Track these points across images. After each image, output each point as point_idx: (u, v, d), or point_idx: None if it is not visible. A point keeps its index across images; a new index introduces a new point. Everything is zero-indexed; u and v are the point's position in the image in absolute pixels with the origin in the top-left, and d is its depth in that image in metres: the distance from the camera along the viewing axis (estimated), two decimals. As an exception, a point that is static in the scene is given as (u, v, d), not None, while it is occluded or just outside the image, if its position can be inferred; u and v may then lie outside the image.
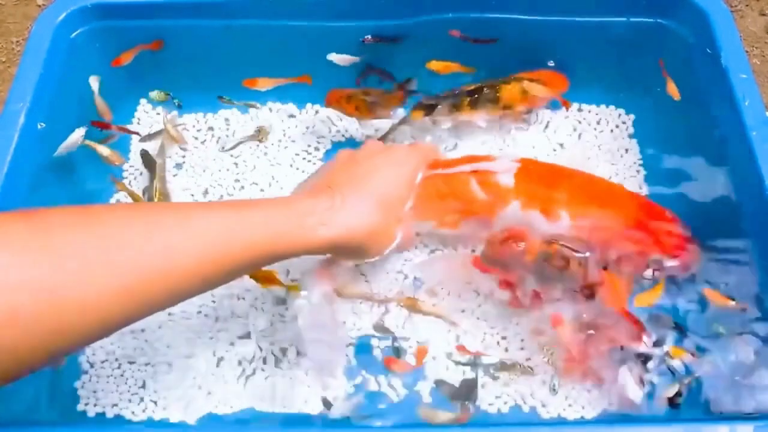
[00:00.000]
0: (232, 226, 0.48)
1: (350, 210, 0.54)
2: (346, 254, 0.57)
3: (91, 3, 0.70)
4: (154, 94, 0.76)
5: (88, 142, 0.68)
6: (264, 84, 0.72)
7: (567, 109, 0.74)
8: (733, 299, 0.59)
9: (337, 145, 0.75)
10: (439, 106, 0.70)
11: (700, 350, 0.58)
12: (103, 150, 0.70)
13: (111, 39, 0.72)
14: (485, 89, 0.70)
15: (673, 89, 0.68)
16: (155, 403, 0.60)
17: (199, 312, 0.64)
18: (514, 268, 0.58)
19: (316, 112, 0.77)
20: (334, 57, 0.71)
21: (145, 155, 0.72)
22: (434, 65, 0.72)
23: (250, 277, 0.62)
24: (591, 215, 0.59)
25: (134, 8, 0.71)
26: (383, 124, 0.73)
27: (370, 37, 0.72)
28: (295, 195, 0.57)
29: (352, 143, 0.75)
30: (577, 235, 0.58)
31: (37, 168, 0.65)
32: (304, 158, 0.74)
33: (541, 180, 0.62)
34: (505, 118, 0.73)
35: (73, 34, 0.71)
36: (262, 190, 0.71)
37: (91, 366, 0.62)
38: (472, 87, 0.70)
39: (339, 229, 0.53)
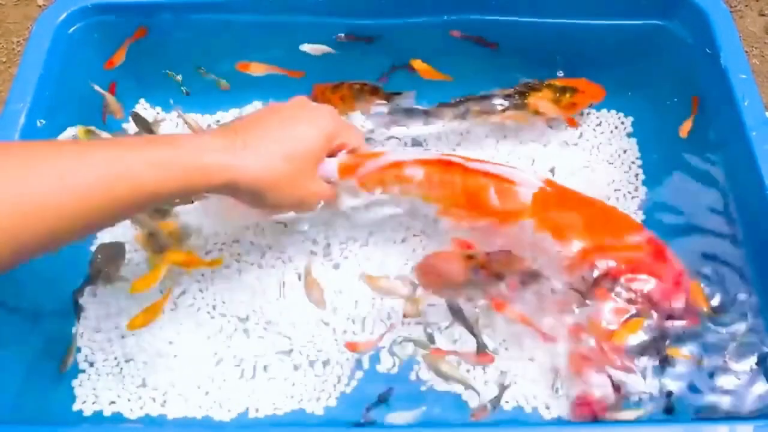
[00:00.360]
0: (123, 164, 0.48)
1: (250, 154, 0.53)
2: (248, 200, 0.56)
3: (92, 3, 0.70)
4: (172, 73, 0.75)
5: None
6: (257, 69, 0.72)
7: (575, 127, 0.73)
8: (717, 311, 0.59)
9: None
10: (469, 107, 0.70)
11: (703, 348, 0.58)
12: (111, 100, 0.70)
13: (111, 39, 0.72)
14: (516, 94, 0.70)
15: (686, 127, 0.68)
16: (153, 400, 0.60)
17: (199, 311, 0.64)
18: (452, 289, 0.59)
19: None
20: (307, 47, 0.71)
21: (136, 117, 0.71)
22: (417, 65, 0.72)
23: (170, 261, 0.63)
24: (601, 249, 0.59)
25: (134, 8, 0.71)
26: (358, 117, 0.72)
27: (343, 35, 0.72)
28: (195, 134, 0.56)
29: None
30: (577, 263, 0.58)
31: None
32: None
33: (559, 204, 0.60)
34: (534, 123, 0.73)
35: (74, 34, 0.71)
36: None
37: (90, 365, 0.62)
38: (505, 91, 0.70)
39: (235, 171, 0.52)
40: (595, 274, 0.58)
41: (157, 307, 0.61)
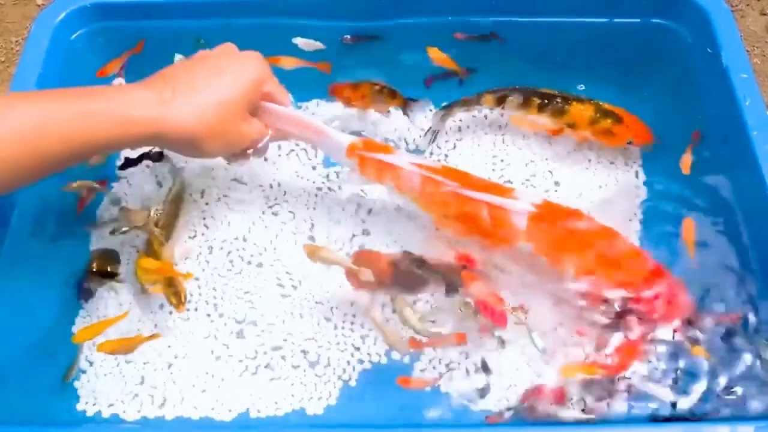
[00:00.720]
0: (51, 115, 0.49)
1: (179, 105, 0.53)
2: (179, 150, 0.58)
3: (91, 3, 0.70)
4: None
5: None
6: (286, 63, 0.72)
7: (581, 141, 0.72)
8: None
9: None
10: (510, 98, 0.70)
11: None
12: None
13: (110, 39, 0.72)
14: (558, 99, 0.69)
15: (686, 162, 0.67)
16: (153, 400, 0.60)
17: (198, 311, 0.64)
18: (378, 287, 0.60)
19: (317, 105, 0.76)
20: (299, 41, 0.72)
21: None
22: (434, 53, 0.72)
23: (142, 270, 0.63)
24: (596, 275, 0.59)
25: (133, 8, 0.71)
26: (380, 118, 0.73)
27: (349, 37, 0.72)
28: (124, 85, 0.56)
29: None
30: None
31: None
32: (301, 155, 0.73)
33: (555, 230, 0.60)
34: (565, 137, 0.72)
35: (73, 35, 0.71)
36: (262, 190, 0.71)
37: (90, 365, 0.62)
38: (546, 91, 0.69)
39: (164, 123, 0.53)
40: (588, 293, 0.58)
41: (134, 341, 0.60)
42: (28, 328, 0.63)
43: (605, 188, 0.70)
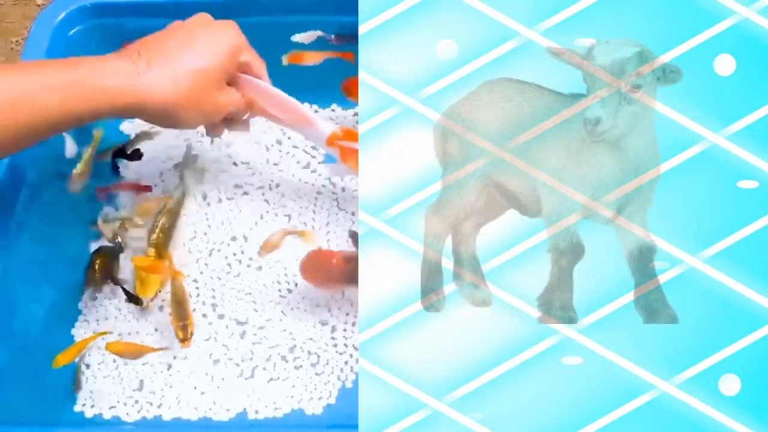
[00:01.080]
0: (28, 87, 0.50)
1: (154, 75, 0.53)
2: (156, 120, 0.58)
3: (91, 2, 0.71)
4: None
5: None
6: (311, 58, 0.70)
7: None
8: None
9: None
10: None
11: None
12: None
13: (110, 39, 0.72)
14: None
15: None
16: (151, 403, 0.60)
17: (196, 311, 0.64)
18: (333, 284, 0.61)
19: (315, 110, 0.76)
20: (298, 37, 0.71)
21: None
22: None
23: (137, 266, 0.63)
24: None
25: (133, 8, 0.71)
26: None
27: (333, 36, 0.72)
28: (99, 57, 0.57)
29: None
30: None
31: (37, 167, 0.65)
32: (304, 156, 0.73)
33: None
34: None
35: (73, 34, 0.71)
36: (263, 194, 0.71)
37: (88, 367, 0.62)
38: None
39: (140, 94, 0.53)
40: None
41: (142, 349, 0.60)
42: (27, 329, 0.63)
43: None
